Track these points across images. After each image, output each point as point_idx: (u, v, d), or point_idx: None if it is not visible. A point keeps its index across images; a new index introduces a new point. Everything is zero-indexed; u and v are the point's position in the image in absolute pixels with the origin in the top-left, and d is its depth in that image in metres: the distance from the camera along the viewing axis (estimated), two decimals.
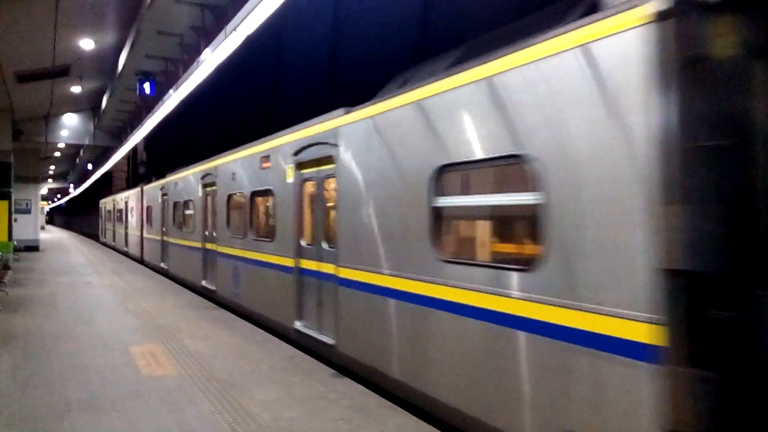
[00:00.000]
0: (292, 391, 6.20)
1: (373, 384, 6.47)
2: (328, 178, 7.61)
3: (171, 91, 15.24)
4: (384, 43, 11.61)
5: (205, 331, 9.26)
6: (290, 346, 8.29)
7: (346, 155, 7.05)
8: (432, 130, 5.48)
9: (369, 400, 5.93)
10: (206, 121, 22.94)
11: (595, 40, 3.76)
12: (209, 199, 13.42)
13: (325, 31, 14.17)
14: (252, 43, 10.31)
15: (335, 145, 7.28)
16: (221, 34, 10.42)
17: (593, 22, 3.80)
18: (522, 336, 4.33)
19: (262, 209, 10.48)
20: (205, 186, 13.67)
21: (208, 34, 14.62)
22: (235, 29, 9.53)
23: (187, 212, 15.46)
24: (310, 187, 8.34)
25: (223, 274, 12.02)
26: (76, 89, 21.94)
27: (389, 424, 5.25)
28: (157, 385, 6.37)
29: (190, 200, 15.04)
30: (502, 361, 4.52)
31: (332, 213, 7.56)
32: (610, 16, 3.69)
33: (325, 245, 7.73)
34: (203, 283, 13.52)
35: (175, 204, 16.53)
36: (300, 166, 8.43)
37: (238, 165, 11.26)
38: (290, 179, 8.66)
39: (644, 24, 3.43)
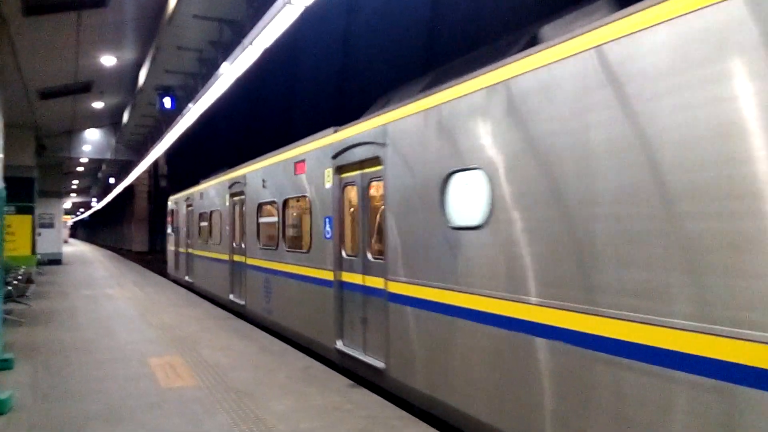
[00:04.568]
0: (309, 402, 6.19)
1: None
2: None
3: (190, 105, 15.44)
4: (393, 54, 11.68)
5: (223, 342, 9.29)
6: (306, 356, 8.23)
7: None
8: None
9: (385, 411, 5.90)
10: (227, 132, 23.24)
11: None
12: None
13: (337, 44, 14.32)
14: (267, 57, 10.41)
15: None
16: (238, 48, 10.55)
17: None
18: None
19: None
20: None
21: (226, 49, 14.81)
22: (251, 43, 9.65)
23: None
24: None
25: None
26: (97, 105, 22.30)
27: None
28: (175, 397, 6.40)
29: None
30: None
31: None
32: None
33: None
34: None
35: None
36: None
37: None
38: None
39: None
